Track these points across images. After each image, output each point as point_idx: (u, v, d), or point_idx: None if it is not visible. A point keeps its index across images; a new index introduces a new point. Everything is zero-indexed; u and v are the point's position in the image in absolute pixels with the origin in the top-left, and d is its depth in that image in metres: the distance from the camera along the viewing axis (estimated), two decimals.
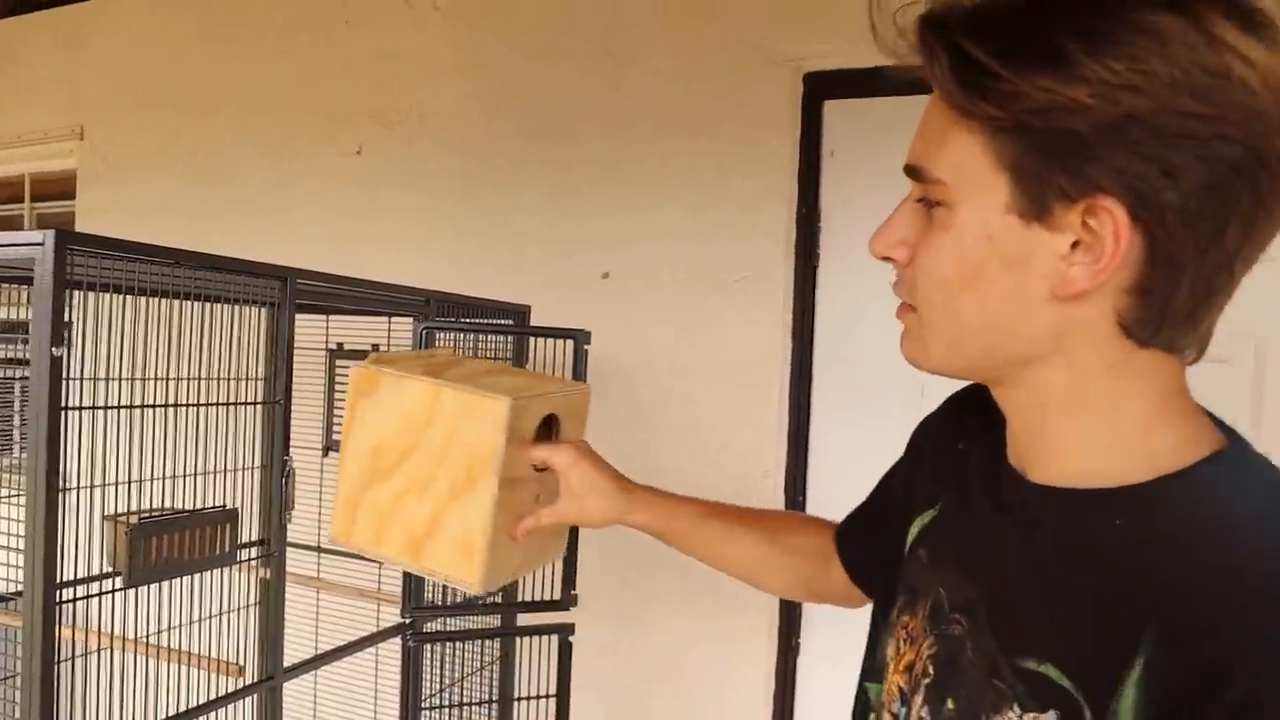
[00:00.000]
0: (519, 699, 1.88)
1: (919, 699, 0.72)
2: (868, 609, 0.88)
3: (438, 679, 1.89)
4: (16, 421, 2.50)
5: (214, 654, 1.47)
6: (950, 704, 0.68)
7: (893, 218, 0.69)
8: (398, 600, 1.97)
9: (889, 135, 2.12)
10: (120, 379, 1.23)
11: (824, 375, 2.23)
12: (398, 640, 1.73)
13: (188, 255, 1.21)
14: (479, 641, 1.91)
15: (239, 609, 1.70)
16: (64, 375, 1.06)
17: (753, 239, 2.23)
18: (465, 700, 1.90)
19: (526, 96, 2.53)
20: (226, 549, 1.27)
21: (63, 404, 1.06)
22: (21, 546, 1.13)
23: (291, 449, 1.37)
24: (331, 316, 2.03)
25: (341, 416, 1.80)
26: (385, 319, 2.00)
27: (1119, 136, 0.55)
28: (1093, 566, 0.61)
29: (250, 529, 1.48)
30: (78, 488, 1.25)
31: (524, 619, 1.83)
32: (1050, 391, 0.65)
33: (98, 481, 1.28)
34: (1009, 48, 0.57)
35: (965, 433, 0.79)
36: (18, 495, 1.40)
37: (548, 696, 1.80)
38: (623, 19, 2.42)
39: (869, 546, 0.95)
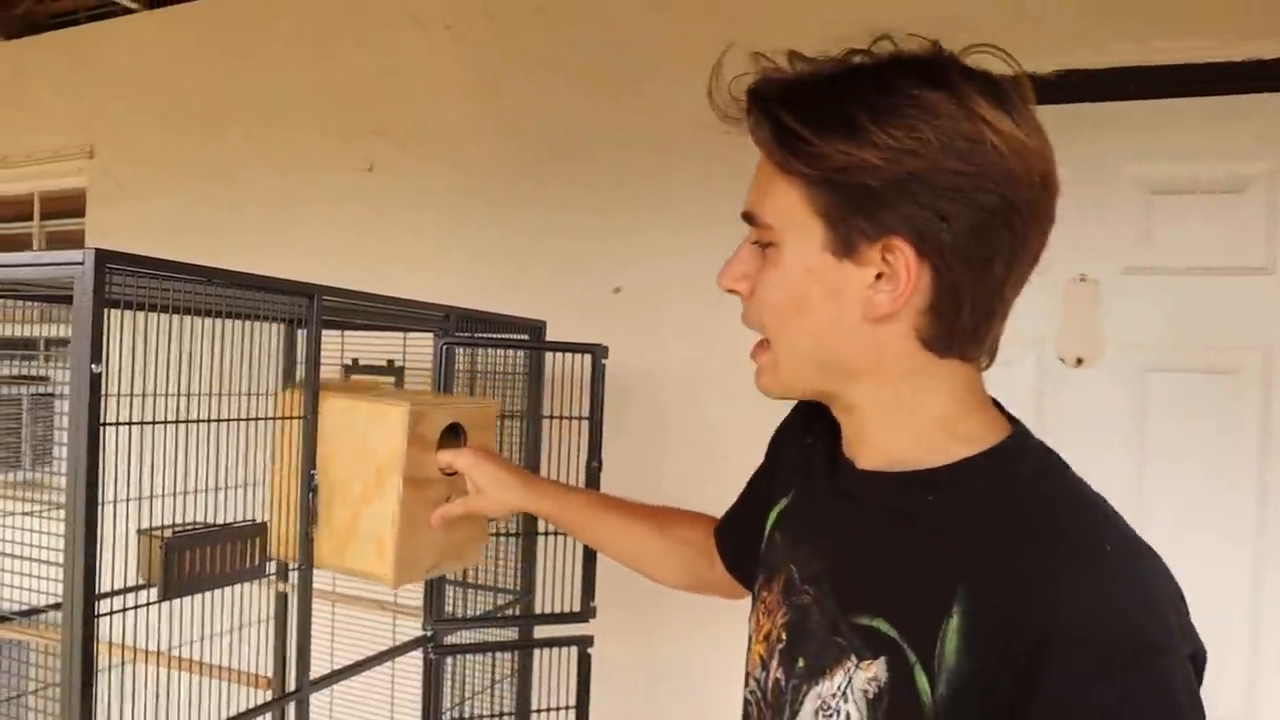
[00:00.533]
0: (537, 711, 1.90)
1: (774, 662, 0.83)
2: None
3: (456, 691, 1.90)
4: (25, 435, 2.51)
5: (233, 667, 1.49)
6: (801, 662, 0.79)
7: (735, 255, 0.82)
8: (413, 612, 1.99)
9: None
10: (144, 395, 1.25)
11: None
12: (416, 652, 1.75)
13: (219, 273, 1.23)
14: (497, 653, 1.92)
15: (261, 622, 1.71)
16: (103, 392, 1.08)
17: None
18: (484, 713, 1.91)
19: (535, 114, 2.56)
20: (256, 562, 1.28)
21: (101, 420, 1.08)
22: (36, 559, 1.15)
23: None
24: (347, 332, 2.05)
25: None
26: (400, 334, 2.02)
27: (903, 190, 0.69)
28: (912, 535, 0.74)
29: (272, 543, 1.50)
30: (111, 501, 1.27)
31: (543, 631, 1.85)
32: (870, 397, 0.78)
33: (120, 496, 1.30)
34: (815, 118, 0.71)
35: (813, 430, 0.92)
36: (44, 511, 1.41)
37: (567, 708, 1.82)
38: (630, 37, 2.45)
39: (742, 542, 1.07)
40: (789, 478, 0.94)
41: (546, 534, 1.83)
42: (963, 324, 0.73)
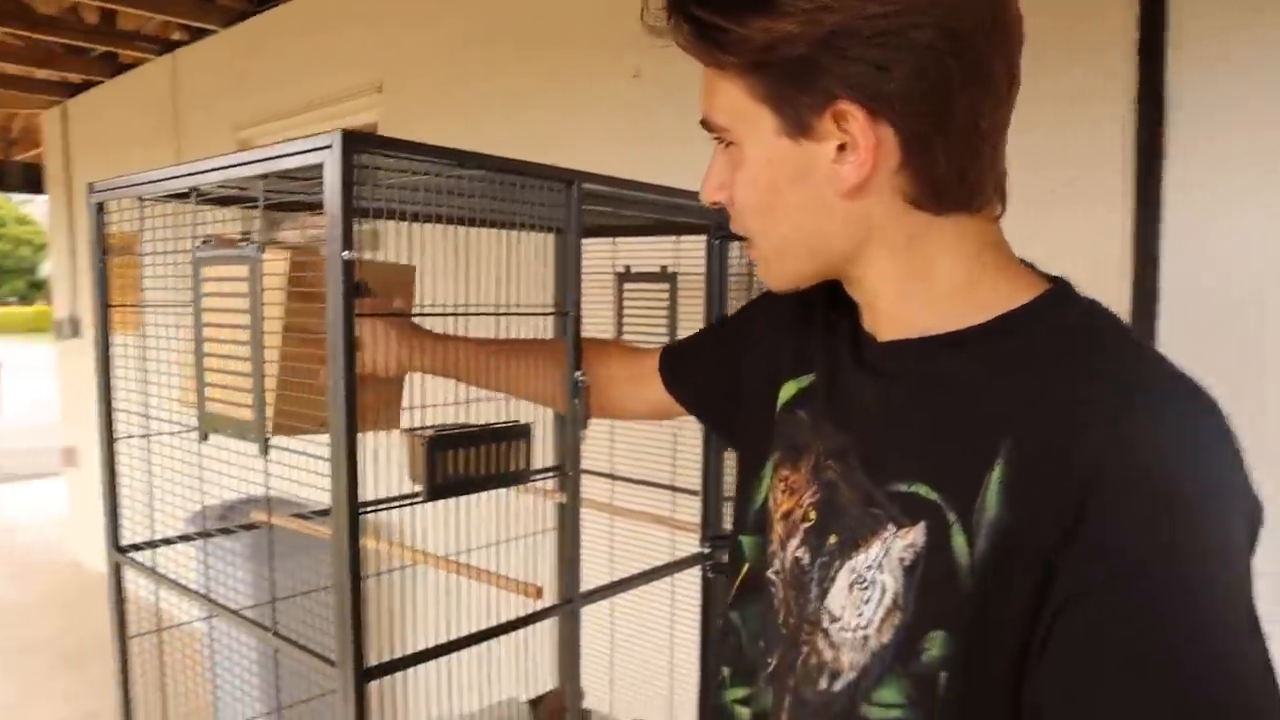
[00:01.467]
0: None
1: (794, 541, 0.80)
2: None
3: None
4: None
5: (509, 575, 1.45)
6: (833, 539, 0.75)
7: (711, 166, 0.80)
8: (692, 528, 1.90)
9: (1247, 5, 1.75)
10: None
11: (1173, 299, 1.89)
12: (696, 570, 1.66)
13: (473, 156, 1.15)
14: None
15: (533, 534, 1.68)
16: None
17: (1083, 134, 1.93)
18: None
19: None
20: (521, 466, 1.22)
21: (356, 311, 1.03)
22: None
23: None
24: (619, 240, 1.96)
25: (630, 338, 1.73)
26: (673, 239, 1.90)
27: (830, 49, 0.65)
28: (948, 396, 0.70)
29: (542, 454, 1.44)
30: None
31: None
32: (877, 271, 0.75)
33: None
34: (727, 4, 0.68)
35: (837, 304, 0.85)
36: None
37: None
38: None
39: (700, 372, 1.10)
40: (809, 353, 0.88)
41: None
42: (942, 173, 0.69)
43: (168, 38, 4.62)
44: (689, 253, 1.92)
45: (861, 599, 0.71)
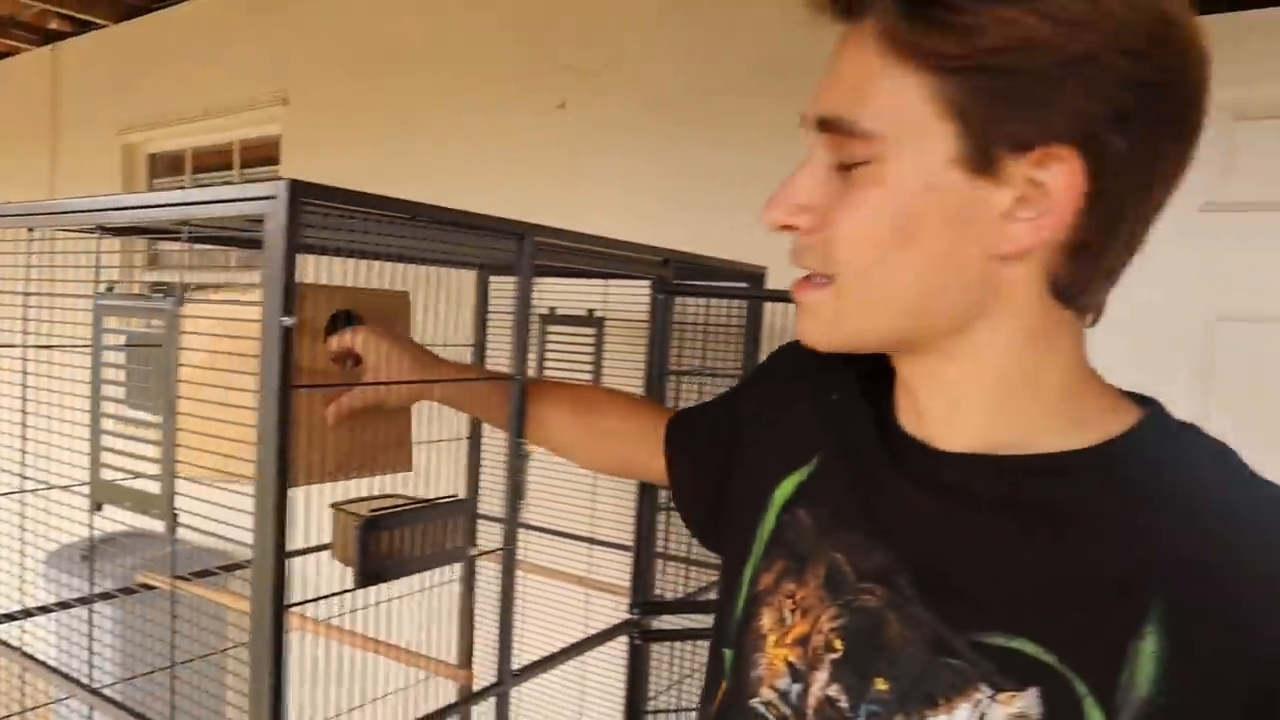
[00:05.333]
0: None
1: (822, 675, 0.65)
2: None
3: (661, 679, 1.74)
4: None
5: (426, 653, 1.36)
6: (881, 684, 0.62)
7: (793, 180, 0.64)
8: (610, 589, 1.83)
9: None
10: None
11: None
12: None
13: (424, 209, 1.07)
14: (699, 641, 1.74)
15: (435, 586, 1.58)
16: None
17: None
18: (686, 705, 1.74)
19: (742, 39, 2.31)
20: (459, 543, 1.13)
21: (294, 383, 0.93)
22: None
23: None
24: (541, 279, 1.89)
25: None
26: (601, 282, 1.84)
27: (1077, 76, 0.52)
28: (1065, 534, 0.58)
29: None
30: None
31: None
32: (974, 358, 0.62)
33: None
34: None
35: (837, 382, 0.75)
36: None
37: None
38: None
39: (696, 457, 0.95)
40: (805, 441, 0.75)
41: None
42: (1107, 263, 0.58)
43: (46, 27, 4.32)
44: (617, 296, 1.86)
45: None
